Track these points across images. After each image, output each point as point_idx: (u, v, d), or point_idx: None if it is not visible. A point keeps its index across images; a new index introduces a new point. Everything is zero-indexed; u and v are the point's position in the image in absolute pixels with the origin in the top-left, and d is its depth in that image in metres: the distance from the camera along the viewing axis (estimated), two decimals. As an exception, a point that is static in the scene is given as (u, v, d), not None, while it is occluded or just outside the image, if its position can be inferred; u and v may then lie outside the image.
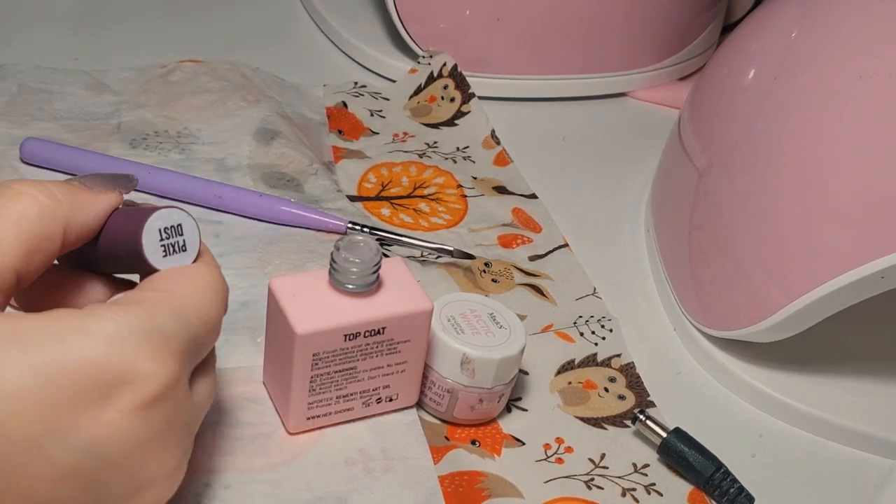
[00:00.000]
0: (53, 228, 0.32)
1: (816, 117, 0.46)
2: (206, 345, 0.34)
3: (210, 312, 0.33)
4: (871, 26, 0.47)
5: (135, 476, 0.30)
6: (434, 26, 0.67)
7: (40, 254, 0.31)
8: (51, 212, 0.32)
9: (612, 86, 0.71)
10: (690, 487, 0.44)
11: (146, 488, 0.31)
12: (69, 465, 0.28)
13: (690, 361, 0.52)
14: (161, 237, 0.33)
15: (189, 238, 0.34)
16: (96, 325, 0.29)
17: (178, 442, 0.32)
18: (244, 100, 0.60)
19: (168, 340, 0.30)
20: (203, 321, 0.33)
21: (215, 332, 0.34)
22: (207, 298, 0.33)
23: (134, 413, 0.29)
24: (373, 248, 0.40)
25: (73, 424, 0.28)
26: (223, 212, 0.53)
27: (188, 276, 0.33)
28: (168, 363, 0.30)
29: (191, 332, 0.32)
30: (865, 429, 0.48)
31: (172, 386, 0.30)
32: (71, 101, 0.58)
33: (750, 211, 0.48)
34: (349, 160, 0.59)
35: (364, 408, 0.43)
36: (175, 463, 0.32)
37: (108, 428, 0.29)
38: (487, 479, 0.42)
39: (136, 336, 0.29)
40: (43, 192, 0.32)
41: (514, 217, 0.58)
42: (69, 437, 0.28)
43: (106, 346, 0.29)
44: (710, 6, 0.72)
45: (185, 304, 0.32)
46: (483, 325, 0.43)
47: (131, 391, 0.29)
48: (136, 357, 0.29)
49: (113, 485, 0.30)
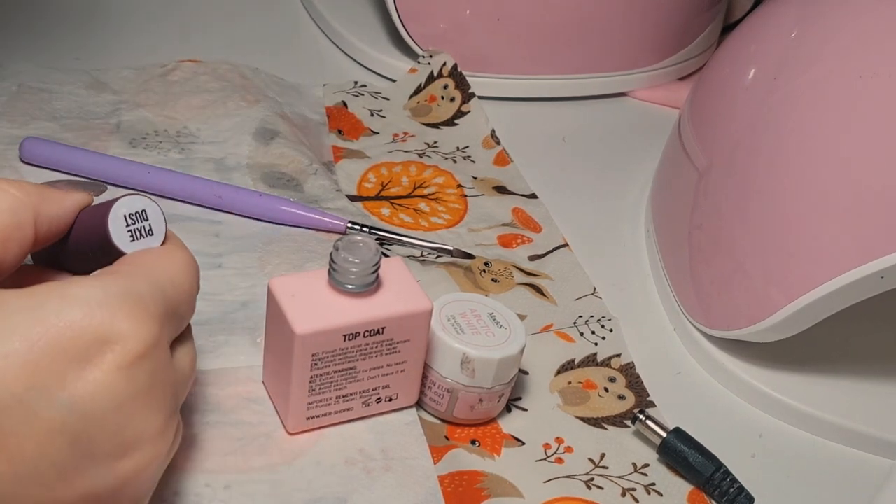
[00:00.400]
0: (24, 218, 0.33)
1: (816, 117, 0.46)
2: (182, 314, 0.35)
3: (183, 283, 0.34)
4: (871, 26, 0.47)
5: (121, 433, 0.31)
6: (434, 26, 0.67)
7: (13, 242, 0.33)
8: (21, 203, 0.33)
9: (612, 86, 0.71)
10: (690, 487, 0.44)
11: (134, 448, 0.31)
12: (56, 422, 0.29)
13: (690, 361, 0.52)
14: (127, 223, 0.35)
15: (155, 222, 0.35)
16: (74, 290, 0.30)
17: (162, 402, 0.32)
18: (244, 100, 0.60)
19: (145, 302, 0.31)
20: (177, 290, 0.34)
21: (190, 304, 0.35)
22: (179, 270, 0.34)
23: (117, 371, 0.30)
24: (372, 248, 0.40)
25: (57, 383, 0.29)
26: (223, 211, 0.53)
27: (158, 252, 0.35)
28: (147, 323, 0.31)
29: (167, 298, 0.33)
30: (865, 429, 0.48)
31: (153, 345, 0.31)
32: (70, 100, 0.58)
33: (750, 211, 0.48)
34: (349, 160, 0.59)
35: (364, 408, 0.43)
36: (160, 422, 0.32)
37: (92, 386, 0.30)
38: (487, 478, 0.42)
39: (114, 298, 0.31)
40: (13, 186, 0.33)
41: (514, 217, 0.58)
42: (54, 395, 0.29)
43: (85, 309, 0.30)
44: (710, 6, 0.72)
45: (159, 275, 0.33)
46: (483, 324, 0.43)
47: (113, 350, 0.30)
48: (116, 318, 0.30)
49: (101, 442, 0.30)
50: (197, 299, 0.36)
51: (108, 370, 0.30)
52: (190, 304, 0.35)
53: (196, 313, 0.36)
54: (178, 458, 0.39)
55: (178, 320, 0.34)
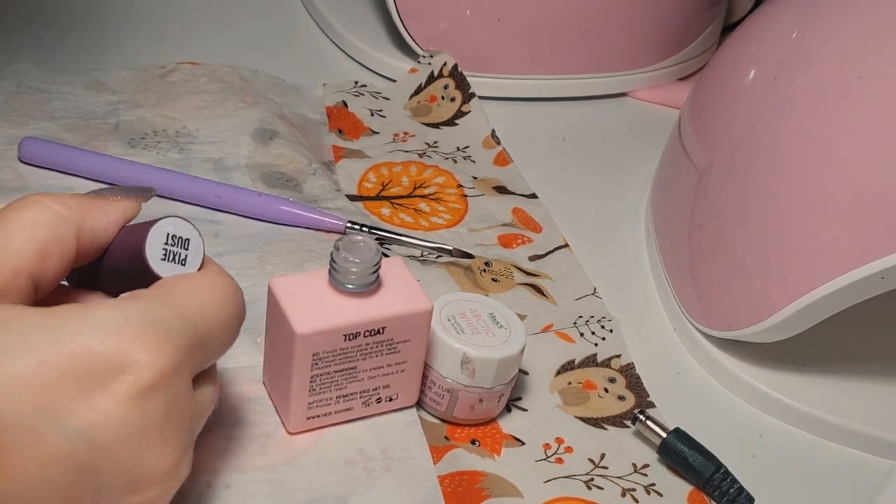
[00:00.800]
0: (65, 232, 0.32)
1: (816, 117, 0.46)
2: (213, 345, 0.33)
3: (215, 311, 0.33)
4: (871, 26, 0.47)
5: (131, 467, 0.30)
6: (434, 26, 0.67)
7: (54, 258, 0.32)
8: (62, 217, 0.33)
9: (612, 86, 0.71)
10: (690, 488, 0.44)
11: (144, 484, 0.31)
12: (62, 448, 0.28)
13: (690, 361, 0.52)
14: (167, 241, 0.34)
15: (192, 255, 0.34)
16: (94, 314, 0.30)
17: (176, 436, 0.31)
18: (242, 101, 0.60)
19: (168, 332, 0.30)
20: (207, 319, 0.33)
21: (225, 332, 0.34)
22: (212, 298, 0.33)
23: (129, 401, 0.29)
24: (372, 248, 0.40)
25: (67, 408, 0.28)
26: (222, 211, 0.53)
27: (194, 278, 0.34)
28: (165, 353, 0.30)
29: (194, 328, 0.32)
30: (865, 429, 0.48)
31: (170, 376, 0.30)
32: (69, 100, 0.58)
33: (750, 211, 0.48)
34: (349, 160, 0.59)
35: (364, 408, 0.43)
36: (173, 459, 0.31)
37: (102, 415, 0.29)
38: (487, 478, 0.42)
39: (133, 326, 0.30)
40: (54, 201, 0.33)
41: (515, 217, 0.58)
42: (63, 420, 0.28)
43: (102, 334, 0.29)
44: (710, 6, 0.72)
45: (187, 302, 0.32)
46: (483, 324, 0.43)
47: (127, 379, 0.29)
48: (133, 346, 0.29)
49: (109, 474, 0.29)
50: None
51: (120, 399, 0.29)
52: (222, 335, 0.34)
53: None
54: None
55: (207, 352, 0.33)
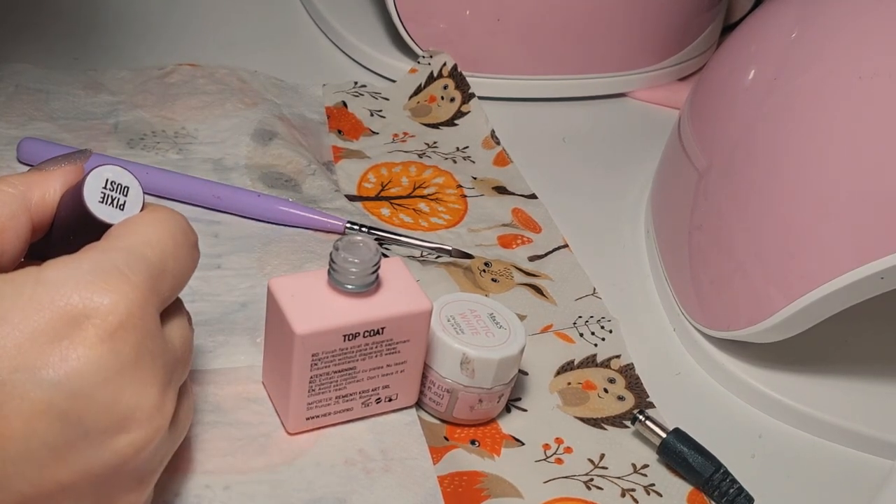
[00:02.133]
0: (16, 208, 0.34)
1: (816, 117, 0.46)
2: (172, 271, 0.34)
3: (164, 239, 0.34)
4: (871, 26, 0.47)
5: (113, 408, 0.31)
6: (434, 26, 0.67)
7: (9, 233, 0.34)
8: (9, 195, 0.34)
9: (612, 86, 0.71)
10: (690, 488, 0.44)
11: (129, 423, 0.31)
12: (43, 402, 0.29)
13: (690, 362, 0.52)
14: (105, 185, 0.34)
15: (132, 201, 0.35)
16: (48, 273, 0.31)
17: (152, 373, 0.32)
18: (241, 102, 0.60)
19: (123, 272, 0.31)
20: (156, 248, 0.33)
21: (178, 260, 0.34)
22: (155, 229, 0.34)
23: (99, 344, 0.30)
24: (372, 248, 0.40)
25: (41, 363, 0.29)
26: (221, 212, 0.53)
27: (134, 218, 0.34)
28: (125, 292, 0.31)
29: (147, 260, 0.32)
30: (865, 429, 0.48)
31: (135, 315, 0.31)
32: (68, 100, 0.58)
33: (750, 211, 0.48)
34: (349, 160, 0.59)
35: (363, 408, 0.43)
36: (153, 395, 0.32)
37: (75, 362, 0.30)
38: (487, 479, 0.42)
39: (87, 274, 0.31)
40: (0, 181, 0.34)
41: (514, 217, 0.58)
42: (39, 375, 0.29)
43: (60, 289, 0.30)
44: (710, 6, 0.72)
45: (132, 239, 0.33)
46: (483, 325, 0.43)
47: (93, 324, 0.30)
48: (92, 292, 0.30)
49: (92, 419, 0.30)
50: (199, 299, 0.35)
51: (90, 345, 0.30)
52: (179, 259, 0.34)
53: (196, 313, 0.36)
54: (177, 459, 0.39)
55: (171, 279, 0.34)
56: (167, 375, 0.33)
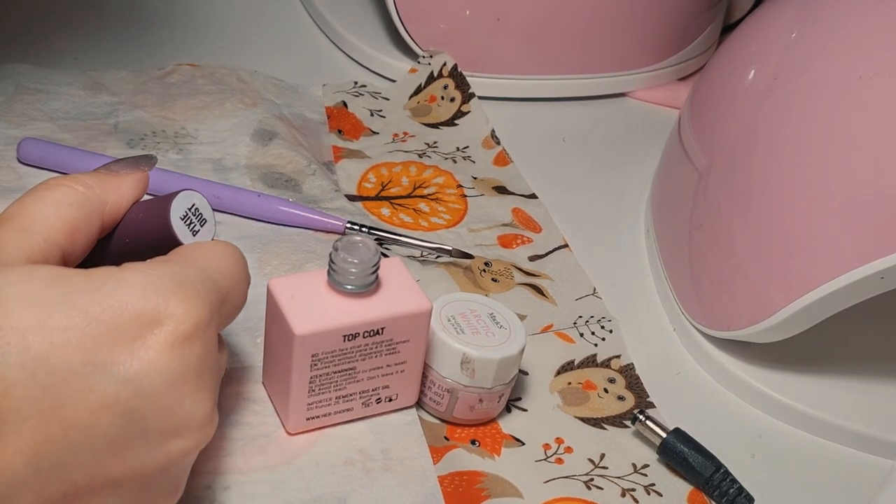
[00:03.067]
0: (91, 211, 0.36)
1: (816, 117, 0.46)
2: (233, 301, 0.36)
3: (232, 270, 0.35)
4: (871, 27, 0.47)
5: (173, 412, 0.32)
6: (434, 26, 0.67)
7: (82, 234, 0.35)
8: (86, 197, 0.36)
9: (612, 86, 0.71)
10: (690, 488, 0.44)
11: (185, 428, 0.32)
12: (110, 395, 0.30)
13: (690, 362, 0.52)
14: (189, 208, 0.37)
15: (205, 232, 0.37)
16: (129, 275, 0.32)
17: (210, 386, 0.33)
18: (241, 102, 0.60)
19: (196, 287, 0.33)
20: (227, 277, 0.35)
21: (239, 292, 0.36)
22: (226, 260, 0.36)
23: (169, 349, 0.31)
24: (371, 249, 0.40)
25: (112, 359, 0.30)
26: (222, 212, 0.53)
27: (205, 244, 0.36)
28: (197, 306, 0.32)
29: (217, 286, 0.34)
30: (865, 429, 0.48)
31: (203, 328, 0.32)
32: (68, 101, 0.58)
33: (750, 211, 0.48)
34: (349, 160, 0.59)
35: (363, 408, 0.43)
36: (208, 407, 0.33)
37: (145, 364, 0.31)
38: (487, 479, 0.42)
39: (166, 282, 0.32)
40: (77, 182, 0.36)
41: (514, 217, 0.58)
42: (109, 370, 0.30)
43: (140, 291, 0.31)
44: (710, 6, 0.72)
45: (208, 263, 0.35)
46: (483, 324, 0.43)
47: (165, 330, 0.31)
48: (168, 300, 0.32)
49: (153, 419, 0.31)
50: None
51: (160, 349, 0.31)
52: (239, 293, 0.36)
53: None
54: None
55: (229, 308, 0.36)
56: (216, 392, 0.34)
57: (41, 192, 0.35)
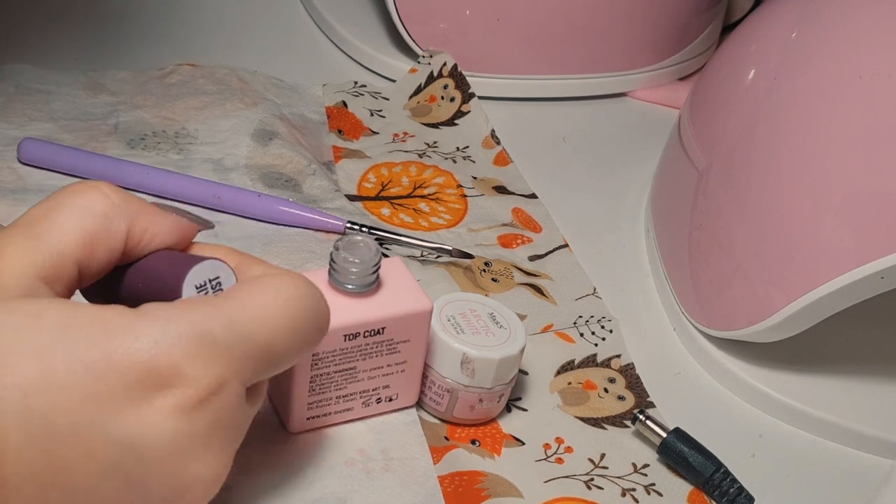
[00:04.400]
0: (117, 225, 0.32)
1: (816, 117, 0.46)
2: (282, 350, 0.32)
3: (279, 318, 0.32)
4: (871, 26, 0.47)
5: (177, 477, 0.30)
6: (434, 26, 0.67)
7: (102, 248, 0.32)
8: (117, 209, 0.32)
9: (612, 86, 0.71)
10: (690, 487, 0.44)
11: (189, 491, 0.31)
12: (110, 459, 0.29)
13: (690, 361, 0.52)
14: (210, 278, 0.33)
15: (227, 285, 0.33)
16: (144, 326, 0.29)
17: (222, 446, 0.31)
18: (241, 102, 0.60)
19: (216, 346, 0.30)
20: (269, 330, 0.32)
21: (293, 336, 0.32)
22: (276, 305, 0.32)
23: (176, 415, 0.29)
24: (372, 248, 0.40)
25: (115, 419, 0.28)
26: (222, 212, 0.53)
27: (256, 285, 0.32)
28: (212, 369, 0.30)
29: (249, 338, 0.31)
30: (865, 429, 0.48)
31: (216, 392, 0.30)
32: (68, 101, 0.58)
33: (750, 211, 0.48)
34: (349, 160, 0.59)
35: (364, 408, 0.43)
36: (217, 469, 0.31)
37: (150, 427, 0.29)
38: (487, 478, 0.42)
39: (182, 340, 0.29)
40: (113, 190, 0.32)
41: (514, 217, 0.58)
42: (111, 431, 0.28)
43: (153, 347, 0.29)
44: (710, 6, 0.72)
45: (245, 312, 0.31)
46: (483, 324, 0.43)
47: (174, 393, 0.29)
48: (182, 361, 0.29)
49: (155, 483, 0.30)
50: None
51: (167, 413, 0.29)
52: (289, 343, 0.32)
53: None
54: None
55: (272, 362, 0.32)
56: (235, 446, 0.32)
57: (67, 196, 0.32)
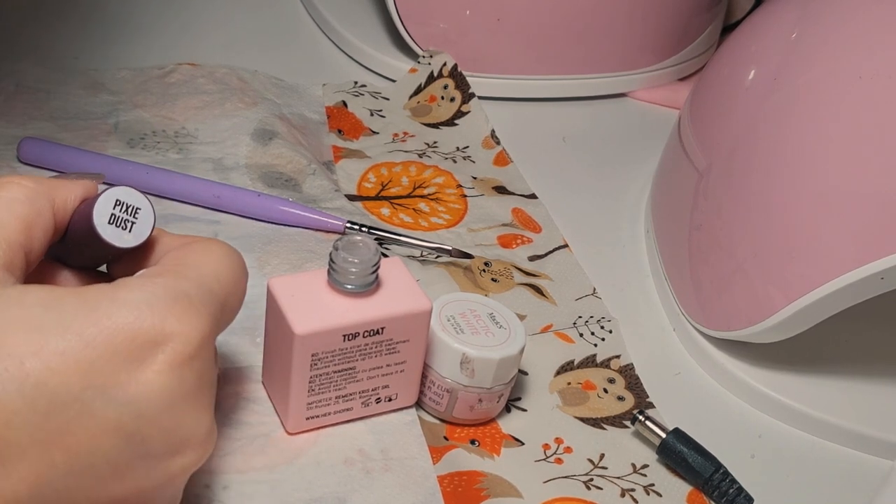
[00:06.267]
0: (42, 205, 0.34)
1: (816, 118, 0.46)
2: (231, 307, 0.35)
3: (227, 276, 0.35)
4: (871, 27, 0.47)
5: (174, 432, 0.32)
6: (434, 26, 0.67)
7: (37, 230, 0.34)
8: (35, 192, 0.34)
9: (612, 86, 0.71)
10: (689, 488, 0.44)
11: (185, 447, 0.32)
12: (111, 419, 0.30)
13: (690, 362, 0.52)
14: (115, 206, 0.35)
15: (141, 224, 0.35)
16: (124, 294, 0.31)
17: (209, 401, 0.33)
18: (241, 102, 0.60)
19: (193, 302, 0.32)
20: (223, 284, 0.34)
21: (237, 296, 0.36)
22: (221, 264, 0.35)
23: (168, 371, 0.31)
24: (372, 248, 0.40)
25: (112, 382, 0.30)
26: (221, 211, 0.53)
27: (197, 249, 0.35)
28: (196, 324, 0.32)
29: (214, 294, 0.34)
30: (864, 430, 0.48)
31: (202, 345, 0.32)
32: (68, 100, 0.58)
33: (749, 211, 0.48)
34: (349, 160, 0.59)
35: (363, 408, 0.43)
36: (208, 423, 0.33)
37: (145, 385, 0.31)
38: (486, 479, 0.42)
39: (162, 301, 0.31)
40: (25, 178, 0.35)
41: (514, 217, 0.58)
42: (109, 393, 0.30)
43: (136, 311, 0.31)
44: (710, 6, 0.72)
45: (202, 271, 0.34)
46: (483, 324, 0.43)
47: (164, 351, 0.31)
48: (166, 319, 0.31)
49: (154, 441, 0.31)
50: None
51: (159, 370, 0.31)
52: (237, 297, 0.36)
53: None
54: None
55: (228, 314, 0.35)
56: (213, 401, 0.34)
57: None
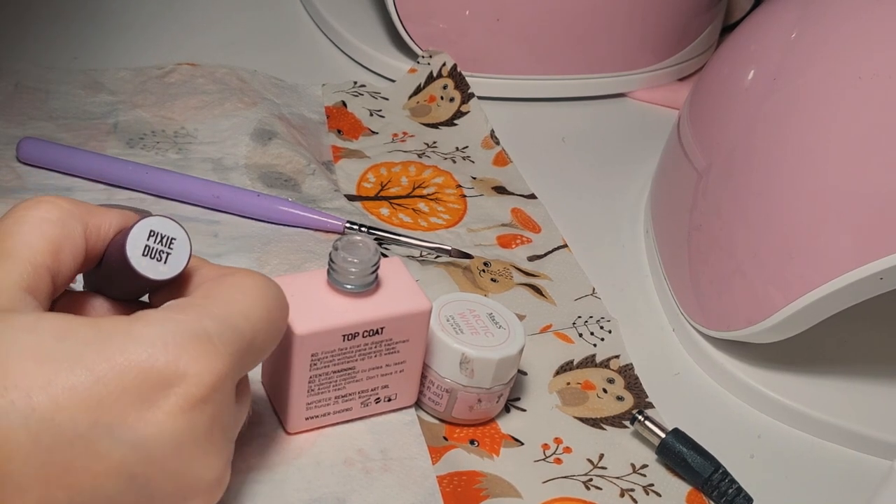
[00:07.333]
0: (74, 228, 0.33)
1: (816, 118, 0.46)
2: (260, 344, 0.34)
3: (258, 313, 0.33)
4: (871, 27, 0.47)
5: (181, 477, 0.31)
6: (434, 26, 0.67)
7: (66, 254, 0.33)
8: (69, 213, 0.34)
9: (611, 86, 0.71)
10: (689, 488, 0.44)
11: (193, 493, 0.31)
12: (115, 460, 0.29)
13: (689, 362, 0.52)
14: (149, 237, 0.33)
15: (176, 254, 0.34)
16: (140, 329, 0.30)
17: (221, 445, 0.32)
18: (241, 102, 0.60)
19: (212, 342, 0.31)
20: (252, 321, 0.33)
21: (269, 330, 0.34)
22: (252, 299, 0.34)
23: (179, 414, 0.30)
24: (371, 248, 0.40)
25: (119, 421, 0.29)
26: (221, 212, 0.53)
27: (230, 283, 0.34)
28: (211, 365, 0.31)
29: (239, 332, 0.32)
30: (864, 430, 0.48)
31: (216, 388, 0.31)
32: (68, 100, 0.58)
33: (749, 212, 0.48)
34: (348, 160, 0.59)
35: (363, 408, 0.43)
36: (220, 468, 0.32)
37: (153, 427, 0.30)
38: (486, 479, 0.42)
39: (179, 339, 0.30)
40: (60, 198, 0.34)
41: (514, 217, 0.58)
42: (116, 433, 0.29)
43: (150, 348, 0.30)
44: (710, 6, 0.72)
45: (230, 308, 0.33)
46: (482, 324, 0.43)
47: (176, 392, 0.30)
48: (180, 359, 0.30)
49: (159, 484, 0.30)
50: None
51: (170, 412, 0.30)
52: (269, 335, 0.34)
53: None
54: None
55: (256, 354, 0.34)
56: (231, 445, 0.33)
57: (21, 211, 0.33)
